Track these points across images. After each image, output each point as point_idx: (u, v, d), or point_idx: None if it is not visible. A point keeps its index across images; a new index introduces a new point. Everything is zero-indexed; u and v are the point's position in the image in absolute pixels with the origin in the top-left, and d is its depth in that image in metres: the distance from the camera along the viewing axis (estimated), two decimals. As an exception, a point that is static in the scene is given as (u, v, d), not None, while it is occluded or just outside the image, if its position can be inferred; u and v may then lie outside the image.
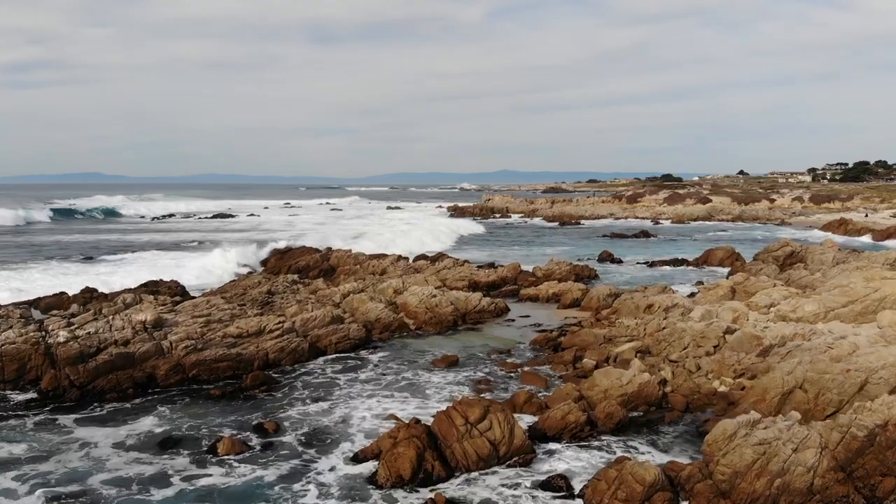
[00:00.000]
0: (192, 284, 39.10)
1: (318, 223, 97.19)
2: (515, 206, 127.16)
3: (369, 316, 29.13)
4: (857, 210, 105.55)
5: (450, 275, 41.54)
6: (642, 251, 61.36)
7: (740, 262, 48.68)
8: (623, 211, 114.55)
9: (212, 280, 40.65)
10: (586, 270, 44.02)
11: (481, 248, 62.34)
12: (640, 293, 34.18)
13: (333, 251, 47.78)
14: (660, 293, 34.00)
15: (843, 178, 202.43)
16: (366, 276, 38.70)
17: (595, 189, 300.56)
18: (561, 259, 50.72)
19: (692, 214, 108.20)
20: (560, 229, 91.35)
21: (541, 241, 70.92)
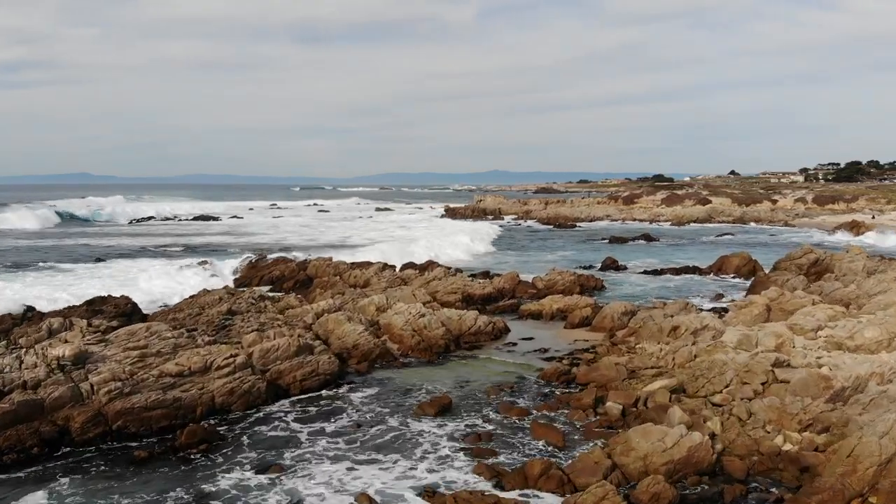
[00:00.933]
0: (150, 300, 34.55)
1: (303, 225, 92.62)
2: (508, 208, 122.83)
3: (346, 341, 24.65)
4: (862, 211, 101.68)
5: (441, 287, 37.12)
6: (647, 257, 57.09)
7: (759, 270, 44.55)
8: (620, 212, 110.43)
9: (174, 293, 36.02)
10: (592, 281, 39.66)
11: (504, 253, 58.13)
12: (659, 310, 29.85)
13: (311, 260, 43.24)
14: (682, 311, 29.69)
15: (835, 178, 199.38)
16: (346, 289, 34.17)
17: (588, 189, 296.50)
18: (561, 266, 46.47)
19: (692, 216, 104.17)
20: (556, 232, 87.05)
21: (537, 245, 66.52)
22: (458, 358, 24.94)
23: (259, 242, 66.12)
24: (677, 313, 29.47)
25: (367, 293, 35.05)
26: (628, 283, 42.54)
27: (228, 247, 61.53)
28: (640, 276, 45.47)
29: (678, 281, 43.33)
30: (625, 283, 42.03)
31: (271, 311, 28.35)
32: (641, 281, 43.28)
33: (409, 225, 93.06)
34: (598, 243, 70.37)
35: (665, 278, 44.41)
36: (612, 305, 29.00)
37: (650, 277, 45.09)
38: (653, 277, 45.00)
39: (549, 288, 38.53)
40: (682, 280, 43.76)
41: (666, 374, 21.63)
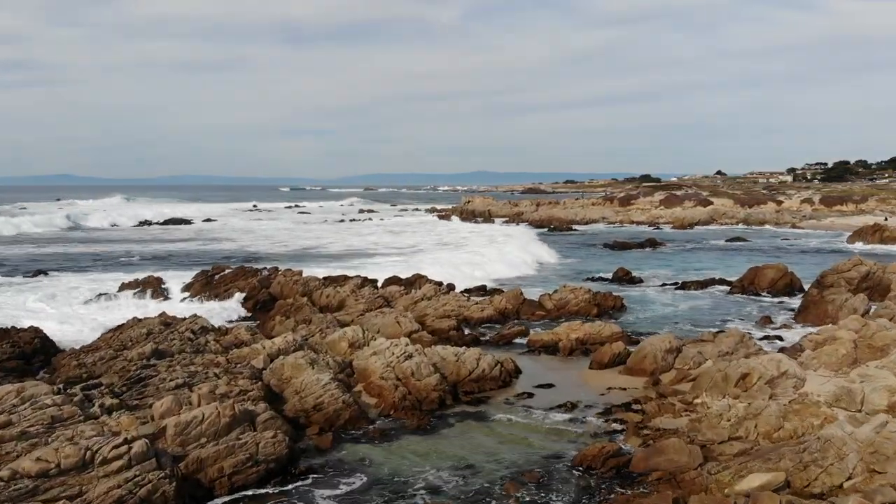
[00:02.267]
0: (75, 330, 27.95)
1: (283, 228, 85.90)
2: (498, 210, 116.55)
3: (306, 399, 18.21)
4: (872, 213, 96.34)
5: (431, 309, 30.74)
6: (659, 266, 50.99)
7: (797, 284, 38.54)
8: (616, 215, 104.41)
9: (102, 322, 29.34)
10: (610, 300, 33.36)
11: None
12: (710, 344, 23.62)
13: (278, 273, 36.69)
14: (739, 345, 23.47)
15: (825, 177, 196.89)
16: (313, 315, 27.62)
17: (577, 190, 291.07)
18: (565, 278, 40.32)
19: (693, 218, 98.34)
20: (552, 236, 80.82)
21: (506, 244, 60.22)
22: (458, 419, 18.55)
23: (225, 250, 59.41)
24: (733, 349, 23.30)
25: (342, 318, 28.62)
26: (650, 300, 36.29)
27: (189, 256, 54.81)
28: (660, 292, 39.27)
29: (707, 299, 37.13)
30: (647, 302, 35.77)
31: (211, 352, 21.82)
32: (665, 298, 37.03)
33: (407, 229, 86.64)
34: (600, 249, 64.32)
35: (691, 295, 38.21)
36: (651, 341, 22.65)
37: (673, 293, 38.90)
38: (676, 294, 38.81)
39: (560, 308, 32.28)
40: (711, 297, 37.58)
41: (753, 452, 15.37)
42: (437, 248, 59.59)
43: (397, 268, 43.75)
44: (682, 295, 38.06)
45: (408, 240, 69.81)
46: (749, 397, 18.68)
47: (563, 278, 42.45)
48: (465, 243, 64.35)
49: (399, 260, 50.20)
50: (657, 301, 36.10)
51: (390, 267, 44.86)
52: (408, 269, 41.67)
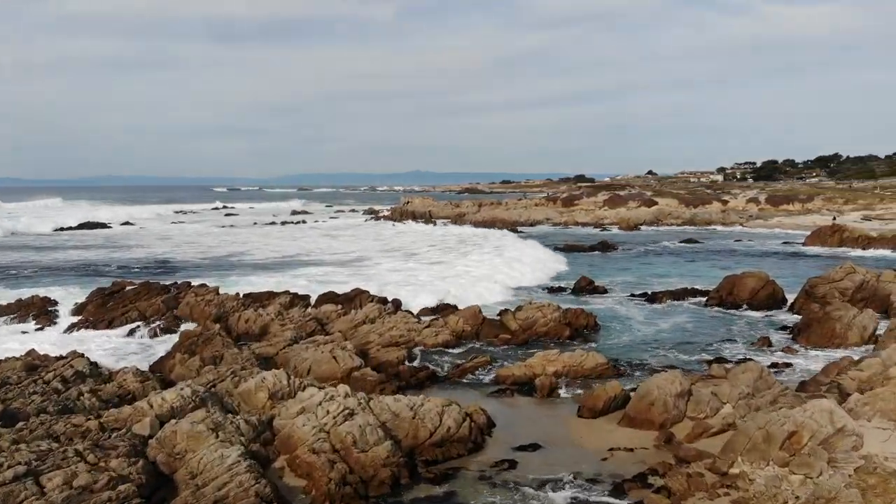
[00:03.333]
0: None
1: (205, 233, 79.09)
2: (439, 211, 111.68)
3: (204, 491, 12.85)
4: (819, 212, 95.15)
5: (375, 334, 25.57)
6: (618, 272, 46.92)
7: (780, 294, 34.73)
8: (560, 215, 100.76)
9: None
10: (582, 317, 28.71)
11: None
12: (724, 385, 19.11)
13: (189, 290, 30.90)
14: (759, 382, 19.05)
15: (755, 176, 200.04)
16: (226, 350, 22.06)
17: (512, 190, 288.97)
18: (524, 290, 35.64)
19: (639, 219, 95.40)
20: (484, 234, 76.42)
21: (471, 252, 55.34)
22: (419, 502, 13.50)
23: (136, 259, 52.80)
24: (753, 387, 18.85)
25: (264, 350, 23.20)
26: (623, 317, 31.85)
27: (91, 267, 48.10)
28: (630, 305, 34.94)
29: (685, 314, 32.90)
30: (621, 319, 31.30)
31: (83, 410, 16.19)
32: (639, 314, 32.64)
33: (346, 232, 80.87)
34: (553, 254, 59.91)
35: (666, 310, 33.95)
36: (658, 383, 17.88)
37: (646, 306, 34.63)
38: (649, 307, 34.54)
39: (526, 329, 27.50)
40: (689, 312, 33.38)
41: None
42: (383, 255, 54.31)
43: (339, 280, 38.41)
44: (657, 310, 33.72)
45: (347, 244, 64.29)
46: (803, 465, 14.12)
47: (521, 291, 37.78)
48: (416, 249, 59.13)
49: (336, 269, 44.74)
50: (632, 318, 31.66)
51: (329, 279, 39.49)
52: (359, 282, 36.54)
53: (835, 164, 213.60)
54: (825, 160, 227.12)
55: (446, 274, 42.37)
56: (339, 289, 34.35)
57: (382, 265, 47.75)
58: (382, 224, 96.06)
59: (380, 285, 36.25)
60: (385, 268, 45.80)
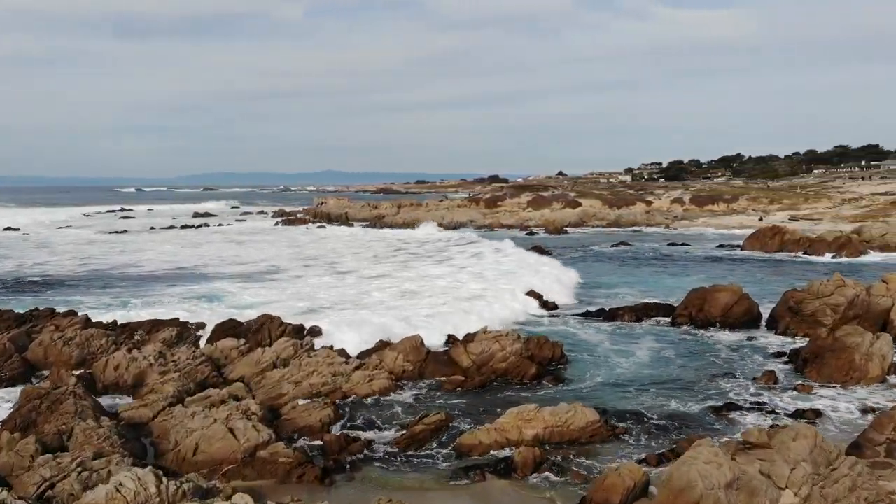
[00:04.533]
0: None
1: (91, 240, 70.32)
2: (357, 212, 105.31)
3: None
4: (745, 212, 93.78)
5: (289, 383, 19.59)
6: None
7: (756, 309, 30.54)
8: (485, 217, 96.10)
9: None
10: (546, 349, 23.47)
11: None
12: (767, 450, 14.11)
13: (50, 320, 24.01)
14: (814, 450, 14.16)
15: (662, 176, 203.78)
16: (75, 423, 15.61)
17: (427, 190, 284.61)
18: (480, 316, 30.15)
19: (564, 220, 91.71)
20: (418, 240, 70.94)
21: (415, 262, 49.63)
22: None
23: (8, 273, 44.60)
24: (810, 459, 13.90)
25: (134, 414, 16.89)
26: (589, 343, 26.82)
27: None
28: (590, 326, 29.99)
29: (655, 337, 28.17)
30: (587, 346, 26.26)
31: None
32: (606, 339, 27.64)
33: (255, 237, 73.62)
34: (462, 256, 54.69)
35: (634, 333, 29.15)
36: (699, 469, 12.52)
37: (607, 327, 29.77)
38: (610, 327, 29.71)
39: (482, 365, 22.08)
40: (658, 335, 28.64)
41: None
42: (300, 265, 47.98)
43: (245, 302, 32.08)
44: (622, 333, 28.86)
45: (256, 252, 57.46)
46: None
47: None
48: (339, 257, 52.75)
49: (242, 286, 38.19)
50: (598, 344, 26.66)
51: (232, 301, 33.09)
52: (272, 298, 30.25)
53: (737, 164, 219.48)
54: (728, 160, 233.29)
55: (387, 287, 36.76)
56: (244, 313, 28.14)
57: (302, 278, 41.55)
58: (295, 228, 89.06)
59: (296, 306, 30.13)
60: (304, 283, 39.54)
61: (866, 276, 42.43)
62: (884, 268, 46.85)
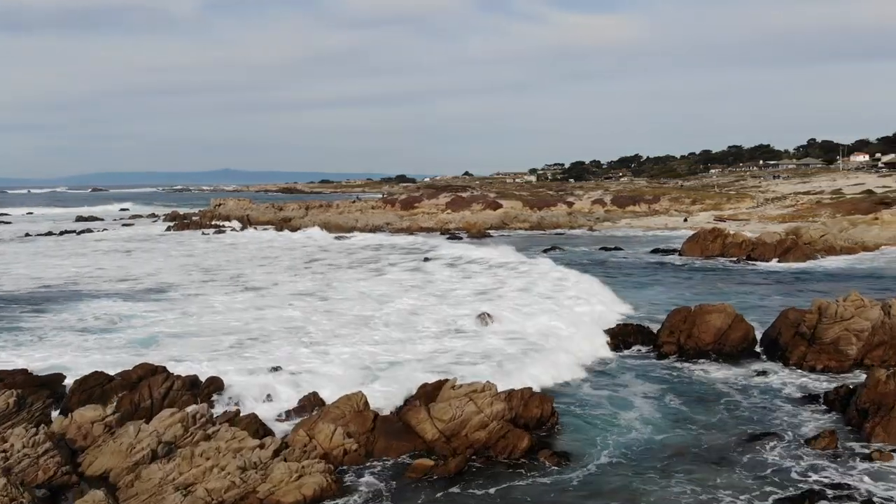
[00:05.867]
0: None
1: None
2: (260, 214, 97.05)
3: None
4: (668, 213, 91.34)
5: (174, 487, 12.90)
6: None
7: (751, 334, 25.77)
8: (401, 220, 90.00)
9: None
10: (534, 406, 17.62)
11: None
12: None
13: None
14: None
15: (565, 176, 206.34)
16: None
17: (333, 190, 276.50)
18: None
19: (485, 223, 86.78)
20: (335, 245, 64.17)
21: (333, 275, 42.78)
22: None
23: None
24: None
25: None
26: (570, 387, 21.20)
27: None
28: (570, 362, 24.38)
29: (646, 375, 22.91)
30: (568, 391, 20.62)
31: None
32: (589, 384, 22.06)
33: (144, 245, 64.83)
34: (399, 267, 48.64)
35: (616, 366, 23.81)
36: None
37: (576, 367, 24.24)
38: (595, 370, 24.18)
39: (452, 436, 16.08)
40: (647, 368, 23.47)
41: None
42: (197, 282, 40.51)
43: (120, 343, 24.93)
44: (604, 370, 23.43)
45: (143, 264, 49.47)
46: None
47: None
48: (244, 270, 45.12)
49: (127, 309, 30.72)
50: (580, 388, 21.12)
51: (105, 341, 25.83)
52: (164, 321, 23.13)
53: (636, 165, 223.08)
54: (628, 160, 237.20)
55: (320, 311, 30.05)
56: (122, 357, 21.19)
57: (202, 297, 34.36)
58: (190, 233, 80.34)
59: (195, 342, 23.25)
60: (204, 304, 32.33)
61: (828, 285, 39.12)
62: (847, 274, 43.78)
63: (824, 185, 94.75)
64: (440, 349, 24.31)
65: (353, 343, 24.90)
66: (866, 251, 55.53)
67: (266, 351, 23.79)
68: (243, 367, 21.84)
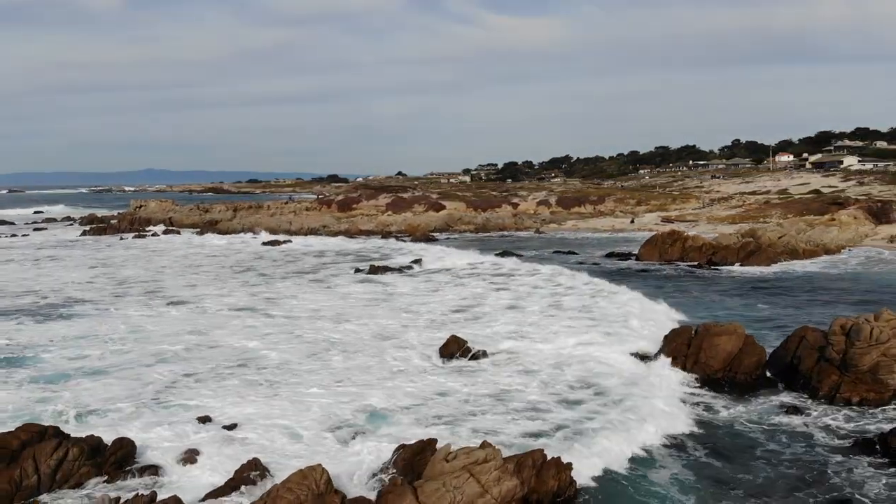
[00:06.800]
0: None
1: None
2: (184, 217, 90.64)
3: None
4: (613, 214, 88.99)
5: None
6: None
7: (761, 358, 22.43)
8: (339, 222, 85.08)
9: None
10: (550, 477, 13.58)
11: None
12: None
13: None
14: None
15: (498, 177, 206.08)
16: None
17: (262, 190, 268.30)
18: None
19: (428, 225, 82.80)
20: (270, 251, 59.04)
21: (272, 287, 37.86)
22: None
23: None
24: None
25: None
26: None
27: None
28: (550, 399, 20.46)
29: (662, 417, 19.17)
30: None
31: None
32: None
33: (56, 254, 58.33)
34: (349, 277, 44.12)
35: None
36: None
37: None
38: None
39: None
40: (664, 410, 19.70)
41: None
42: (109, 295, 35.19)
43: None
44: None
45: (53, 275, 43.68)
46: None
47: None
48: (167, 279, 39.26)
49: (29, 336, 25.40)
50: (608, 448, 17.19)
51: None
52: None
53: (567, 166, 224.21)
54: (559, 161, 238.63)
55: (254, 338, 25.13)
56: (8, 408, 16.43)
57: (120, 312, 29.26)
58: (108, 238, 73.79)
59: (109, 384, 18.48)
60: (122, 324, 27.12)
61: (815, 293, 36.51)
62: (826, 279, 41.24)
63: (769, 184, 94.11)
64: (432, 390, 20.00)
65: (308, 380, 20.43)
66: (829, 254, 53.67)
67: (192, 394, 19.12)
68: (163, 419, 17.23)
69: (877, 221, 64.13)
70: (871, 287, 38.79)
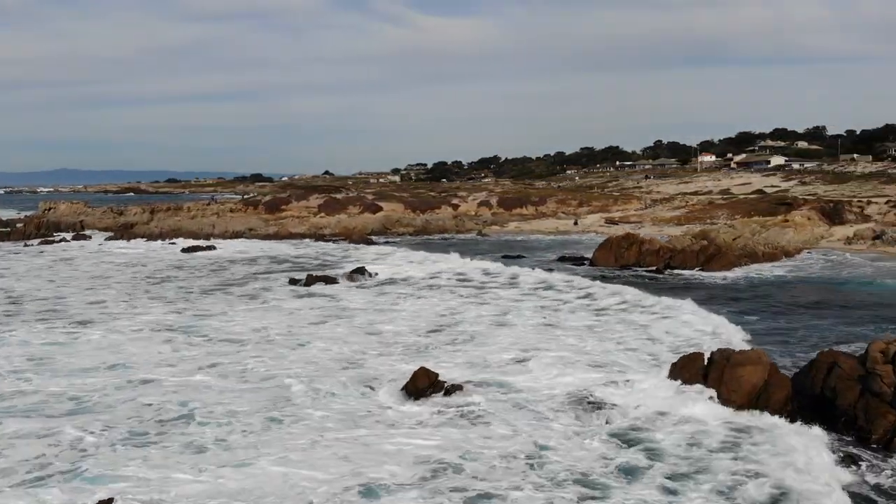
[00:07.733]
0: None
1: None
2: (97, 220, 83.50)
3: None
4: (556, 216, 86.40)
5: None
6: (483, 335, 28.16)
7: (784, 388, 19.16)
8: (266, 224, 79.66)
9: None
10: None
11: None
12: None
13: None
14: None
15: (428, 177, 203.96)
16: None
17: (181, 190, 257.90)
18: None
19: (365, 228, 78.33)
20: (192, 258, 53.54)
21: (199, 304, 32.82)
22: None
23: None
24: None
25: None
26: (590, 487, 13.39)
27: None
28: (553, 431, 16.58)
29: (686, 462, 15.54)
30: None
31: None
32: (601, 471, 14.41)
33: None
34: (288, 291, 39.43)
35: (631, 444, 16.29)
36: None
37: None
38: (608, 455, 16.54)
39: None
40: (686, 454, 16.07)
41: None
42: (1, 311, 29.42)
43: None
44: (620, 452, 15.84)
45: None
46: None
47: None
48: (73, 295, 33.08)
49: None
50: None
51: None
52: None
53: (496, 166, 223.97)
54: (488, 161, 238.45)
55: (181, 373, 20.24)
56: None
57: (14, 337, 23.82)
58: (11, 245, 66.60)
59: None
60: (15, 354, 21.90)
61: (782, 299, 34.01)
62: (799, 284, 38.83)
63: (710, 184, 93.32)
64: (445, 460, 15.55)
65: (259, 441, 15.85)
66: (787, 256, 51.85)
67: (93, 463, 14.40)
68: (54, 499, 12.55)
69: (830, 222, 63.25)
70: (852, 294, 36.53)
